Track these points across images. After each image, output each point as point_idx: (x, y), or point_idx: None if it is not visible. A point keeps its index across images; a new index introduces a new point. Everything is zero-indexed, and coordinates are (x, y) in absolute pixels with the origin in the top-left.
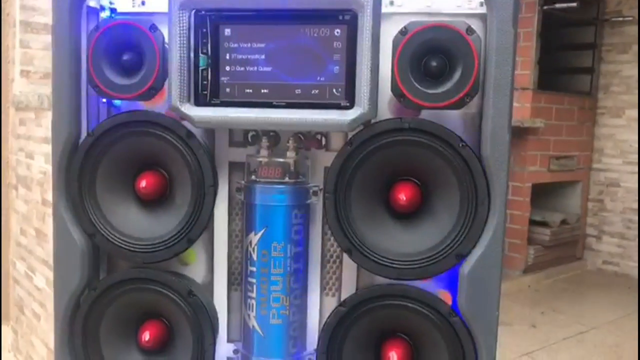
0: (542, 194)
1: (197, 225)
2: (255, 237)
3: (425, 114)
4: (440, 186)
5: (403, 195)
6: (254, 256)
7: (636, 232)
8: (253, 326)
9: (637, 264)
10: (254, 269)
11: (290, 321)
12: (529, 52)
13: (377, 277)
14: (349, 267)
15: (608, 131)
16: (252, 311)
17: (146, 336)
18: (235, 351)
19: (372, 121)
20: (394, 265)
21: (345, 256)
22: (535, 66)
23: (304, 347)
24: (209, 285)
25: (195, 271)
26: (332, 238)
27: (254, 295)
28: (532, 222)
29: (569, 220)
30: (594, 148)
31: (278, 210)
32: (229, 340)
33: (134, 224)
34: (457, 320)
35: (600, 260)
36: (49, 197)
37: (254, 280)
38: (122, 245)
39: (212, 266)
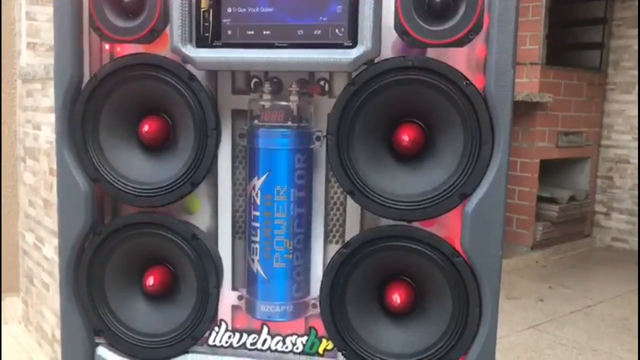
0: (551, 170)
1: (200, 168)
2: (258, 182)
3: (430, 54)
4: (444, 126)
5: (406, 136)
6: (258, 200)
7: None
8: (257, 270)
9: None
10: (258, 213)
11: (293, 265)
12: (537, 26)
13: (381, 222)
14: (353, 214)
15: (618, 107)
16: (256, 255)
17: (150, 281)
18: (240, 297)
19: (376, 60)
20: (397, 207)
21: (349, 203)
22: (544, 41)
23: (308, 292)
24: (214, 233)
25: (200, 220)
26: (335, 185)
27: (257, 239)
28: (540, 199)
29: (577, 197)
30: (603, 124)
31: (281, 154)
32: (233, 288)
33: (138, 168)
34: (461, 261)
35: (609, 237)
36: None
37: (257, 225)
38: (126, 190)
39: (216, 215)
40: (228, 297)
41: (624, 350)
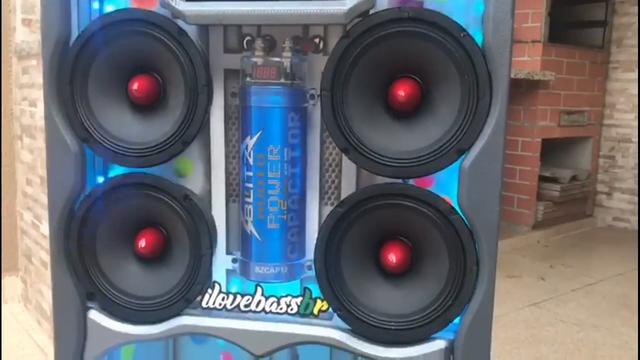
0: (552, 149)
1: (192, 127)
2: (251, 141)
3: (427, 6)
4: (441, 80)
5: (402, 91)
6: (251, 160)
7: None
8: (251, 231)
9: None
10: (251, 173)
11: (288, 226)
12: (539, 4)
13: (377, 182)
14: (349, 175)
15: (620, 86)
16: (250, 216)
17: (142, 243)
18: (234, 260)
19: (371, 12)
20: (393, 164)
21: (344, 164)
22: (546, 18)
23: (303, 254)
24: (207, 196)
25: (193, 183)
26: (331, 146)
27: (251, 200)
28: (542, 178)
29: (579, 177)
30: (605, 103)
31: (274, 112)
32: (227, 252)
33: (128, 128)
34: (458, 218)
35: (611, 217)
36: None
37: (250, 185)
38: (116, 150)
39: (209, 177)
40: (222, 261)
41: (625, 326)
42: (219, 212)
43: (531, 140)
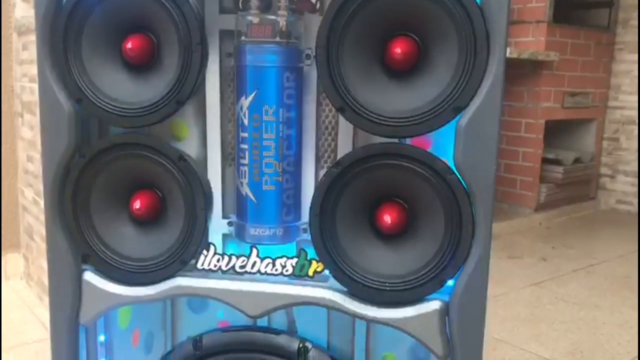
0: (556, 131)
1: (186, 86)
2: (246, 102)
3: None
4: (438, 38)
5: (399, 49)
6: (246, 121)
7: None
8: (246, 193)
9: None
10: (246, 134)
11: (283, 188)
12: None
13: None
14: (345, 138)
15: (626, 67)
16: (245, 178)
17: (137, 204)
18: (230, 223)
19: None
20: (389, 123)
21: (341, 127)
22: None
23: (299, 217)
24: (203, 160)
25: (189, 146)
26: (327, 108)
27: (246, 161)
28: (545, 160)
29: (582, 159)
30: (610, 85)
31: (269, 71)
32: (224, 217)
33: (122, 88)
34: (454, 178)
35: (614, 199)
36: None
37: (245, 147)
38: (110, 110)
39: (205, 141)
40: (218, 226)
41: (626, 306)
42: (215, 176)
43: (534, 121)
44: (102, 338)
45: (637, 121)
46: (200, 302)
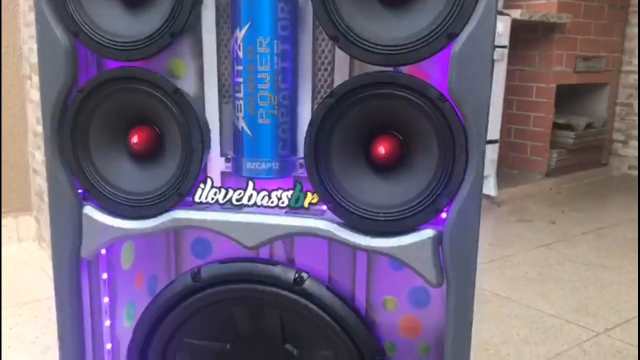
0: (568, 96)
1: (179, 18)
2: (240, 34)
3: None
4: None
5: None
6: (240, 54)
7: None
8: (242, 127)
9: None
10: (241, 67)
11: (279, 122)
12: None
13: None
14: (341, 73)
15: None
16: (241, 112)
17: (135, 138)
18: (227, 159)
19: None
20: (383, 51)
21: (337, 61)
22: None
23: (295, 151)
24: (201, 98)
25: (186, 84)
26: (323, 43)
27: (241, 95)
28: (556, 126)
29: (594, 124)
30: (624, 49)
31: (263, 2)
32: (222, 154)
33: (118, 21)
34: (447, 106)
35: (626, 165)
36: None
37: (241, 80)
38: (107, 44)
39: (202, 79)
40: (217, 164)
41: (633, 266)
42: (212, 113)
43: (546, 86)
44: (104, 276)
45: None
46: (204, 247)
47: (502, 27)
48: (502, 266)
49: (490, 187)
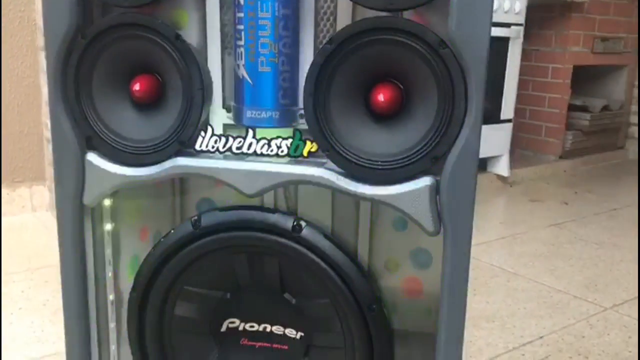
0: (584, 77)
1: None
2: None
3: None
4: None
5: None
6: (241, 0)
7: None
8: (242, 75)
9: None
10: (242, 14)
11: (279, 70)
12: None
13: None
14: (344, 23)
15: None
16: (241, 60)
17: (137, 86)
18: (228, 108)
19: None
20: None
21: (339, 11)
22: None
23: (296, 101)
24: (203, 49)
25: (188, 35)
26: None
27: (242, 43)
28: (572, 107)
29: (611, 107)
30: None
31: None
32: (224, 106)
33: None
34: (447, 52)
35: None
36: None
37: (242, 27)
38: None
39: (204, 29)
40: (219, 116)
41: None
42: (214, 64)
43: (562, 66)
44: (108, 226)
45: None
46: (209, 206)
47: (519, 5)
48: (512, 243)
49: (503, 167)
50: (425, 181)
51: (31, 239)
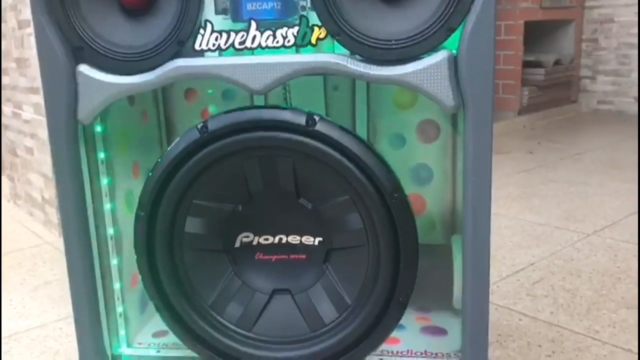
0: (535, 33)
1: None
2: None
3: None
4: None
5: None
6: None
7: (631, 67)
8: None
9: (632, 100)
10: None
11: None
12: None
13: None
14: None
15: None
16: None
17: None
18: (223, 11)
19: None
20: None
21: None
22: None
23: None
24: None
25: None
26: None
27: None
28: (525, 64)
29: (562, 61)
30: None
31: None
32: (217, 12)
33: None
34: None
35: (595, 100)
36: (26, 16)
37: None
38: None
39: None
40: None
41: (614, 181)
42: None
43: (514, 23)
44: (102, 155)
45: (614, 19)
46: None
47: None
48: None
49: None
50: (442, 54)
51: None
